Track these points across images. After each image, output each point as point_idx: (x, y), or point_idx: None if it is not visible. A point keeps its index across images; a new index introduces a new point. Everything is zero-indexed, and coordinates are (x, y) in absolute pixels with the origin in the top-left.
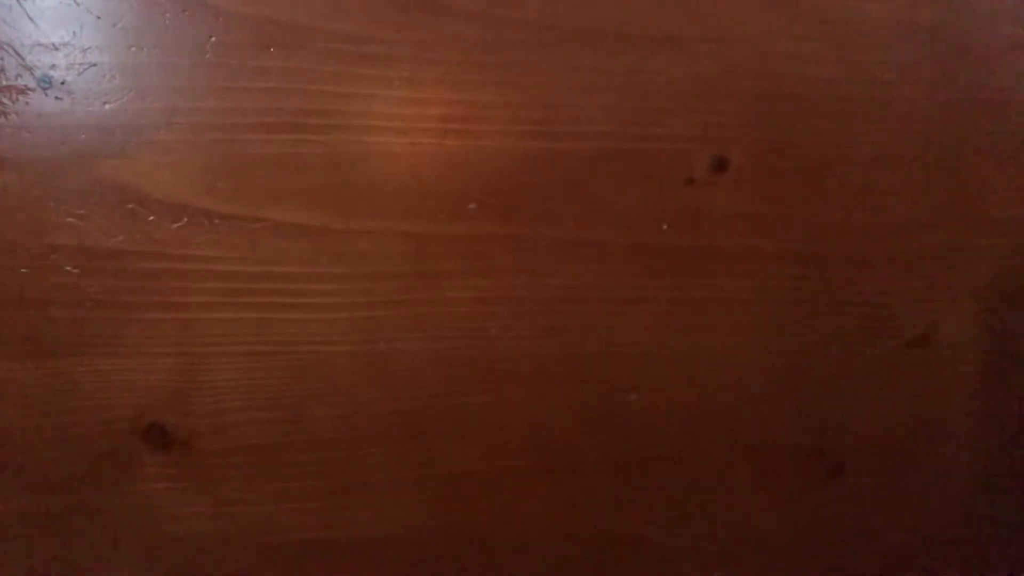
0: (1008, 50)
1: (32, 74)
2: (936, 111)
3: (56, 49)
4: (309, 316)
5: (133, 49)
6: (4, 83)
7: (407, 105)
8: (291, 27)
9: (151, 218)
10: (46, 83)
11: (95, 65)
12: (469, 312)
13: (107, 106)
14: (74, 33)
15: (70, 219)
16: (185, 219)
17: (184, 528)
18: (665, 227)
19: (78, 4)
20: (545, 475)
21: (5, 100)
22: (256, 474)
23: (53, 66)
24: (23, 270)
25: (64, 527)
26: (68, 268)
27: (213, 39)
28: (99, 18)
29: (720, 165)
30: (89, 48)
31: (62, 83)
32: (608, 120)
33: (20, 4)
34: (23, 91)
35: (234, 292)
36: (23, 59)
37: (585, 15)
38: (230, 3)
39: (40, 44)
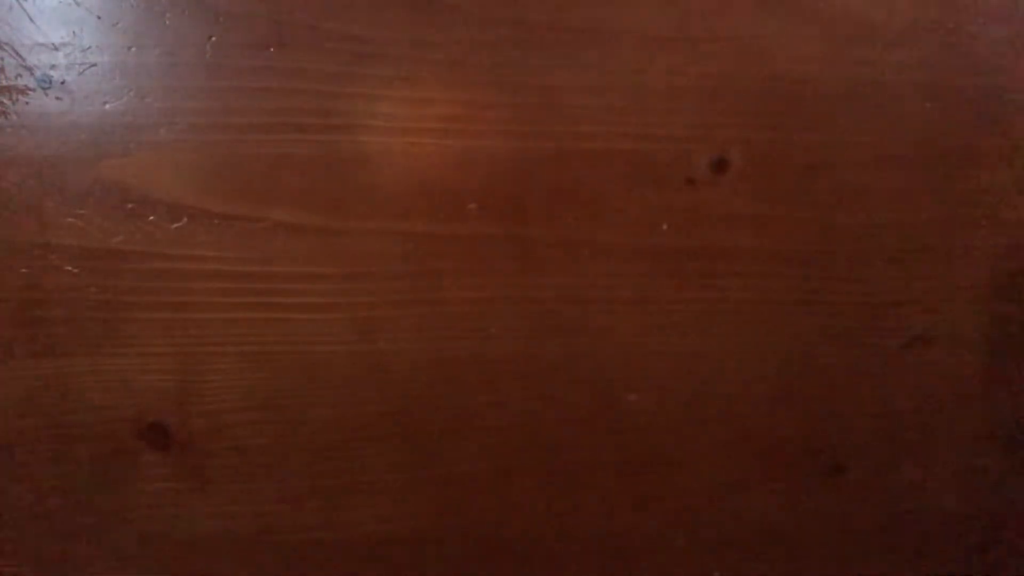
0: (1008, 50)
1: (32, 74)
2: (936, 111)
3: (56, 49)
4: (309, 316)
5: (133, 49)
6: (4, 83)
7: (407, 105)
8: (291, 27)
9: (151, 218)
10: (46, 83)
11: (95, 65)
12: (469, 312)
13: (107, 106)
14: (74, 33)
15: (70, 219)
16: (185, 219)
17: (184, 528)
18: (665, 227)
19: (78, 4)
20: (545, 475)
21: (5, 100)
22: (256, 474)
23: (53, 66)
24: (23, 270)
25: (64, 527)
26: (68, 268)
27: (213, 39)
28: (99, 18)
29: (720, 165)
30: (89, 48)
31: (62, 83)
32: (608, 120)
33: (20, 4)
34: (23, 91)
35: (234, 292)
36: (23, 59)
37: (585, 15)
38: (230, 3)
39: (40, 44)
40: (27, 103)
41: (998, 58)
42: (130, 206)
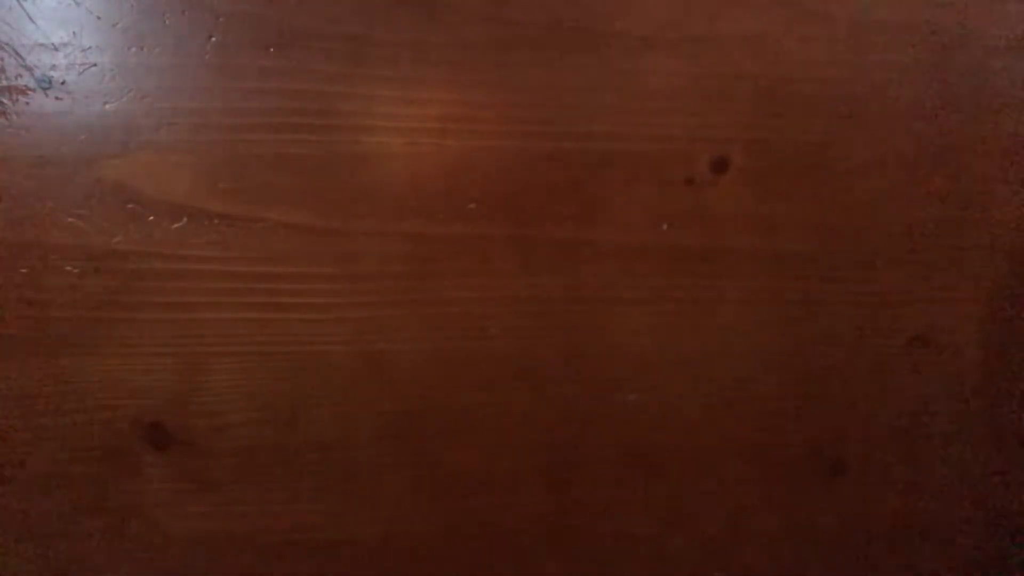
0: (1008, 50)
1: (32, 74)
2: (936, 111)
3: (56, 49)
4: (309, 316)
5: (133, 49)
6: (4, 83)
7: (407, 105)
8: (291, 27)
9: (151, 218)
10: (46, 83)
11: (95, 65)
12: (469, 312)
13: (107, 106)
14: (74, 33)
15: (70, 219)
16: (185, 219)
17: (184, 528)
18: (665, 227)
19: (78, 4)
20: (545, 475)
21: (5, 100)
22: (256, 474)
23: (53, 66)
24: (23, 270)
25: (65, 527)
26: (68, 268)
27: (213, 39)
28: (99, 18)
29: (720, 165)
30: (89, 48)
31: (62, 83)
32: (608, 120)
33: (20, 4)
34: (23, 91)
35: (234, 292)
36: (23, 59)
37: (584, 16)
38: (230, 3)
39: (40, 44)
40: (27, 103)
41: (996, 59)
42: (130, 206)
